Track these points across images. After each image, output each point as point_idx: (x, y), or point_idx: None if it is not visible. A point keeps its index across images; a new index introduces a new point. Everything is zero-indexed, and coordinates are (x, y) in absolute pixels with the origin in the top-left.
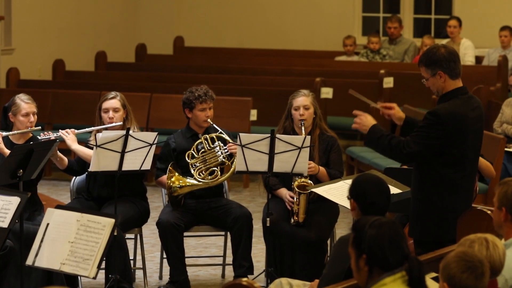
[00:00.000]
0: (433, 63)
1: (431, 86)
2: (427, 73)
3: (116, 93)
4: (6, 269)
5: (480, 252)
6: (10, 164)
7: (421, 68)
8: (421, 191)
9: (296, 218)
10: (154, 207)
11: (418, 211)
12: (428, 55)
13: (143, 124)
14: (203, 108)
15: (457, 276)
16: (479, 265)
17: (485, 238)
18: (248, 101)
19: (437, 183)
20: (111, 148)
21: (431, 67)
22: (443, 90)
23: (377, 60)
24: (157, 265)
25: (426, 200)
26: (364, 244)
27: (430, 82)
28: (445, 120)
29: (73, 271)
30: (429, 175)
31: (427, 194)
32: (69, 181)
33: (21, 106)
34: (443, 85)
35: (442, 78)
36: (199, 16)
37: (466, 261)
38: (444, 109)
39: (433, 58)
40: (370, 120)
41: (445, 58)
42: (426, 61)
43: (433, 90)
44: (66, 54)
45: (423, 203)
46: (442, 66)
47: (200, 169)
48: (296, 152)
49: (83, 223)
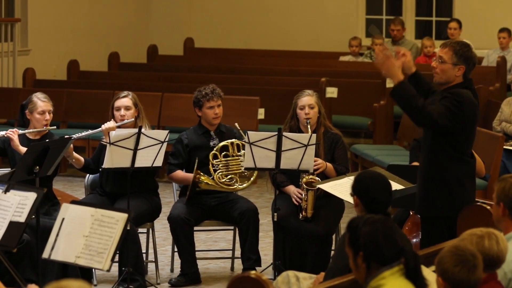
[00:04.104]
0: (464, 57)
1: (443, 71)
2: (450, 59)
3: (128, 92)
4: (23, 262)
5: (491, 247)
6: (27, 160)
7: (448, 51)
8: (430, 168)
9: (305, 213)
10: (165, 202)
11: (427, 189)
12: (464, 47)
13: (155, 122)
14: (211, 106)
15: (449, 270)
16: (471, 258)
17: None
18: (256, 100)
19: (448, 163)
20: (124, 146)
21: (460, 58)
22: (451, 82)
23: None
24: (168, 258)
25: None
26: (359, 242)
27: (446, 67)
28: (465, 104)
29: (88, 264)
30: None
31: (437, 174)
32: (83, 177)
33: (37, 104)
34: (454, 78)
35: (459, 73)
36: (208, 18)
37: (458, 255)
38: (467, 96)
39: (467, 54)
40: (398, 72)
41: (472, 60)
42: (458, 51)
43: (440, 76)
44: (80, 55)
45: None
46: (468, 64)
47: (221, 173)
48: (302, 149)
49: (97, 218)
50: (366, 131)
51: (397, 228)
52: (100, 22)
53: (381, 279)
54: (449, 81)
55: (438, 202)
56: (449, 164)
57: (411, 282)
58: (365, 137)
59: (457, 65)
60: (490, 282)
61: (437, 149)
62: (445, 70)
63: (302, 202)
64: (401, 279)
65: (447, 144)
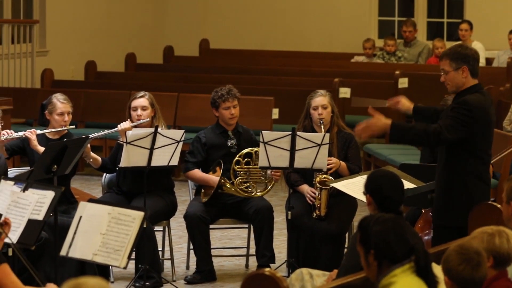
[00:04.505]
0: (460, 58)
1: (450, 80)
2: (450, 67)
3: (145, 93)
4: (42, 259)
5: (502, 245)
6: (45, 160)
7: (444, 61)
8: (447, 180)
9: (318, 212)
10: (181, 200)
11: (444, 199)
12: (456, 49)
13: (171, 122)
14: (227, 107)
15: (454, 269)
16: (474, 256)
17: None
18: (270, 101)
19: (465, 171)
20: (140, 145)
21: (457, 61)
22: (462, 86)
23: (392, 61)
24: (184, 256)
25: (452, 189)
26: (370, 240)
27: (451, 76)
28: (475, 110)
29: (105, 261)
30: (458, 163)
31: (453, 183)
32: (100, 176)
33: (56, 106)
34: (463, 81)
35: (465, 74)
36: (223, 20)
37: (462, 254)
38: (474, 101)
39: (462, 53)
40: (383, 120)
41: (472, 56)
42: (452, 55)
43: (451, 85)
44: (98, 56)
45: (449, 191)
46: (468, 62)
47: (241, 179)
48: (316, 148)
49: (114, 216)
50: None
51: (408, 226)
52: (117, 23)
53: (392, 276)
54: (460, 86)
55: (452, 212)
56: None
57: (422, 279)
58: (378, 136)
59: (458, 68)
60: (500, 280)
61: (454, 157)
62: (452, 78)
63: (316, 201)
64: (412, 277)
65: (464, 151)
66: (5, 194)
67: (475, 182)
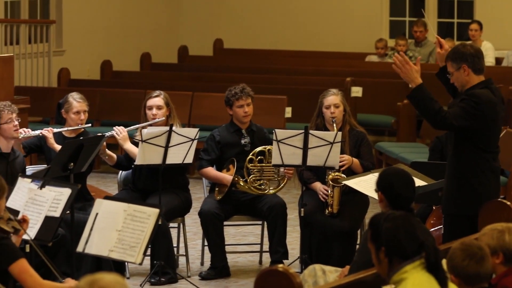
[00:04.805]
0: (458, 58)
1: (456, 80)
2: (452, 68)
3: (160, 92)
4: (58, 256)
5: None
6: (62, 157)
7: (448, 63)
8: (457, 169)
9: (331, 209)
10: (196, 198)
11: (453, 188)
12: (454, 50)
13: (185, 120)
14: (241, 105)
15: (459, 266)
16: (477, 251)
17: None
18: (283, 99)
19: (472, 162)
20: (155, 143)
21: (457, 61)
22: (467, 84)
23: None
24: (198, 252)
25: (462, 178)
26: (381, 237)
27: (455, 76)
28: (483, 103)
29: (121, 257)
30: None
31: (463, 173)
32: (116, 173)
33: (72, 105)
34: (467, 79)
35: (466, 72)
36: (237, 20)
37: (464, 250)
38: (483, 94)
39: (459, 53)
40: (416, 76)
41: (470, 53)
42: (452, 56)
43: (457, 85)
44: (113, 55)
45: (459, 181)
46: (466, 60)
47: (254, 177)
48: (328, 146)
49: (129, 213)
50: (390, 129)
51: (419, 223)
52: (132, 23)
53: (403, 273)
54: (465, 85)
55: (462, 200)
56: (473, 163)
57: (432, 275)
58: (389, 135)
59: (459, 68)
60: (510, 276)
61: (461, 149)
62: (456, 78)
63: (328, 198)
64: (422, 273)
65: (470, 143)
66: (23, 191)
67: (484, 172)
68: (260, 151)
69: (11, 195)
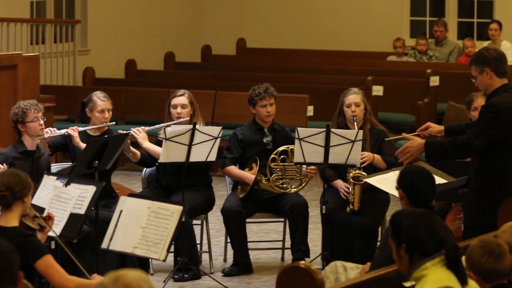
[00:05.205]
0: (482, 61)
1: (479, 84)
2: (475, 71)
3: (185, 91)
4: (83, 252)
5: None
6: (87, 155)
7: (471, 67)
8: (480, 180)
9: (352, 206)
10: (219, 195)
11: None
12: (477, 54)
13: (208, 119)
14: (264, 105)
15: (478, 262)
16: (495, 248)
17: None
18: (305, 98)
19: (494, 171)
20: (179, 141)
21: (480, 65)
22: (490, 87)
23: (424, 60)
24: (221, 249)
25: (484, 189)
26: (402, 234)
27: (478, 80)
28: (501, 110)
29: (145, 254)
30: (487, 164)
31: (485, 183)
32: (140, 171)
33: (97, 103)
34: (490, 82)
35: (489, 76)
36: (260, 20)
37: (483, 247)
38: (499, 101)
39: (482, 57)
40: (418, 140)
41: (493, 57)
42: (475, 60)
43: (481, 88)
44: (138, 55)
45: (482, 192)
46: (489, 64)
47: (277, 176)
48: (350, 145)
49: (153, 210)
50: (410, 128)
51: (439, 220)
52: (156, 23)
53: (423, 269)
54: (488, 88)
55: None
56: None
57: (452, 272)
58: (410, 133)
59: (482, 71)
60: None
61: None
62: (479, 82)
63: (349, 196)
64: (442, 270)
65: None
66: (48, 188)
67: (507, 182)
68: (283, 150)
69: (37, 192)
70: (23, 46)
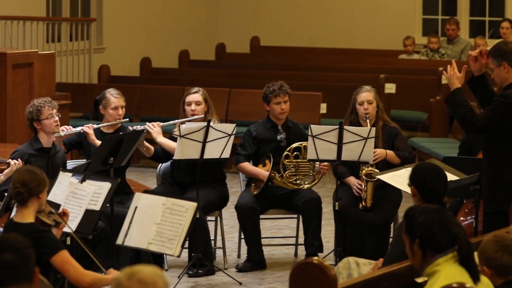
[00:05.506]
0: (500, 55)
1: (496, 77)
2: (493, 64)
3: (199, 88)
4: (98, 248)
5: None
6: (102, 152)
7: (489, 59)
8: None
9: (364, 203)
10: (233, 192)
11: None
12: (496, 47)
13: (223, 116)
14: (278, 102)
15: (492, 257)
16: (510, 243)
17: None
18: (318, 96)
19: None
20: (193, 138)
21: (498, 58)
22: (506, 81)
23: (436, 58)
24: (235, 245)
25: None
26: (416, 230)
27: (495, 73)
28: None
29: (159, 250)
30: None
31: (497, 172)
32: (155, 168)
33: (110, 100)
34: (506, 76)
35: (506, 69)
36: (273, 18)
37: (497, 242)
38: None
39: (500, 50)
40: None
41: (511, 51)
42: (494, 53)
43: (497, 81)
44: (153, 53)
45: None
46: (507, 58)
47: (291, 172)
48: (363, 142)
49: (168, 206)
50: (422, 125)
51: (452, 217)
52: (171, 21)
53: (436, 265)
54: (503, 81)
55: (499, 198)
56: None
57: (464, 268)
58: (422, 130)
59: (499, 65)
60: None
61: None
62: (496, 74)
63: (362, 193)
64: (455, 266)
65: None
66: (64, 185)
67: None
68: (296, 147)
69: (52, 189)
70: (39, 44)
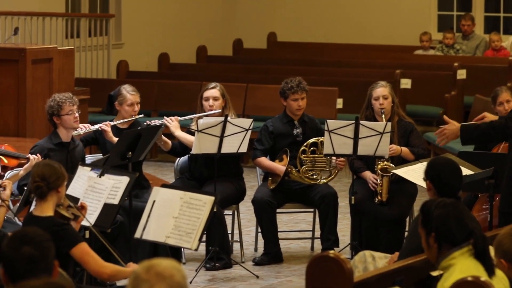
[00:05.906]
0: None
1: None
2: None
3: (216, 84)
4: (117, 241)
5: None
6: (121, 147)
7: None
8: None
9: (380, 197)
10: (249, 186)
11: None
12: None
13: (240, 111)
14: (295, 99)
15: (510, 250)
16: None
17: None
18: (335, 91)
19: None
20: (211, 133)
21: None
22: None
23: (451, 54)
24: (252, 239)
25: None
26: (432, 223)
27: None
28: None
29: (177, 243)
30: None
31: None
32: (173, 162)
33: (126, 97)
34: None
35: None
36: (290, 14)
37: None
38: None
39: None
40: (453, 129)
41: None
42: None
43: None
44: (171, 48)
45: None
46: None
47: (307, 167)
48: (378, 137)
49: (186, 200)
50: (438, 120)
51: (467, 211)
52: (189, 17)
53: (451, 259)
54: None
55: None
56: None
57: (479, 262)
58: (437, 125)
59: None
60: None
61: None
62: None
63: (378, 187)
64: (470, 259)
65: None
66: (83, 179)
67: None
68: (313, 142)
69: (71, 183)
70: (58, 40)
